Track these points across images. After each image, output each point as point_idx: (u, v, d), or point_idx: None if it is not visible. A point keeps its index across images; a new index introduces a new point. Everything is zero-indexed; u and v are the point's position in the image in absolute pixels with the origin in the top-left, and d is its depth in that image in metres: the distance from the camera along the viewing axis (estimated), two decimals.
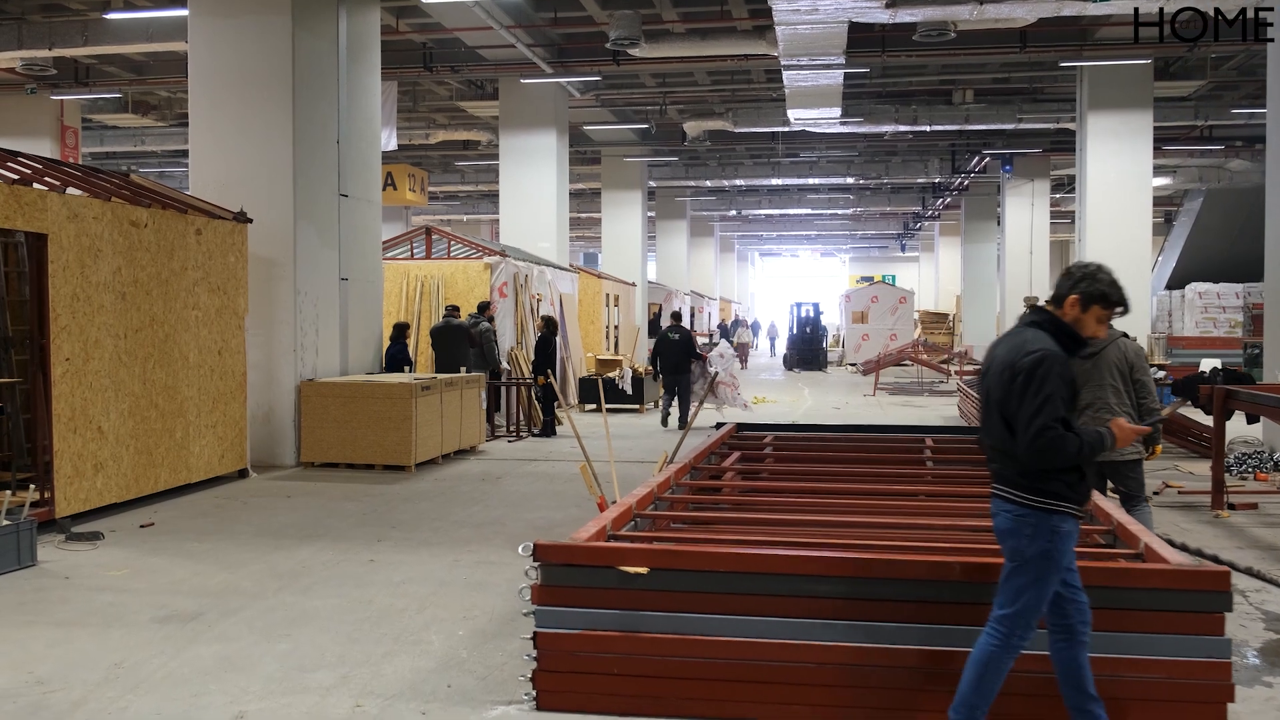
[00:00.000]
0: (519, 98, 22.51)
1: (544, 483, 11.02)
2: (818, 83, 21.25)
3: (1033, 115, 25.09)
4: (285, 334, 11.91)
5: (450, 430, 12.55)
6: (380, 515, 9.16)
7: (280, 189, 11.92)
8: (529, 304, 17.44)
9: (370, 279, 13.75)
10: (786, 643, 4.39)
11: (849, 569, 4.39)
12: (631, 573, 4.48)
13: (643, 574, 4.48)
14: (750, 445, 9.01)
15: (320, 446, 11.78)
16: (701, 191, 41.03)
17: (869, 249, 71.21)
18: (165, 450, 9.75)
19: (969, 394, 17.04)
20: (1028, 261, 32.45)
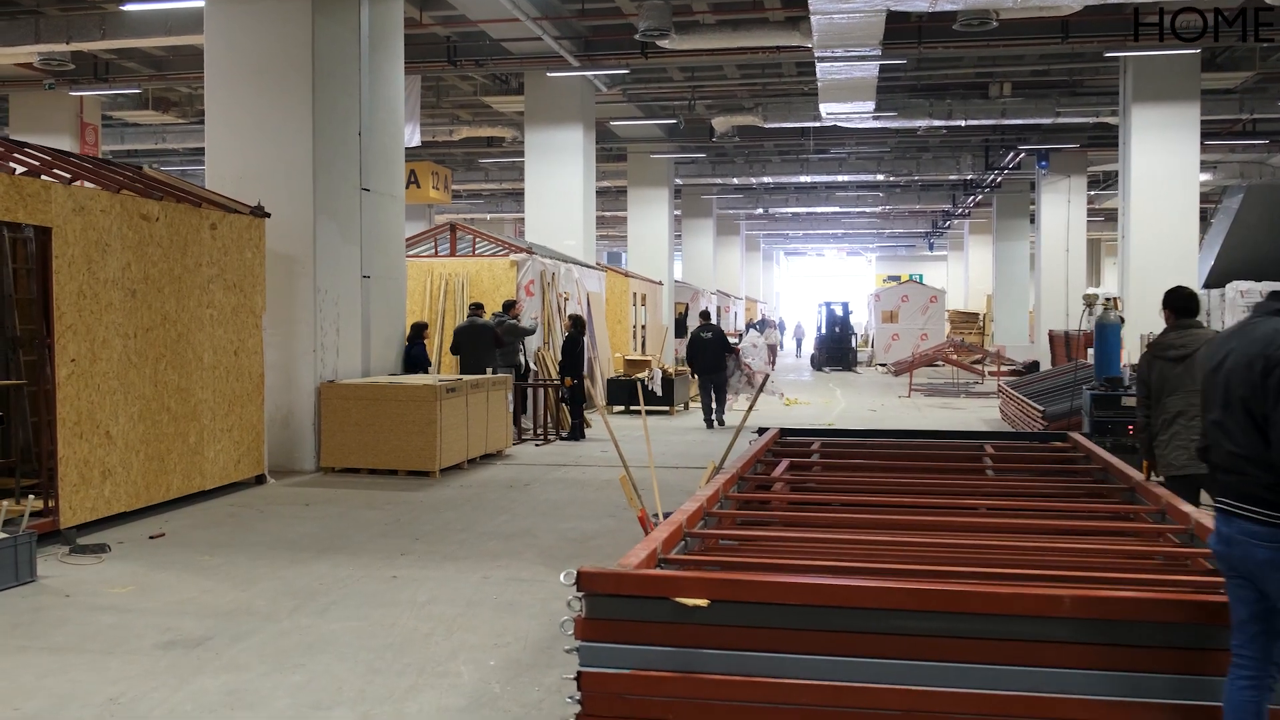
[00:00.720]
0: (545, 92, 21.99)
1: (575, 490, 10.49)
2: (852, 75, 20.70)
3: (1071, 109, 24.44)
4: (305, 334, 11.43)
5: (476, 434, 12.04)
6: (403, 525, 8.64)
7: (299, 183, 11.43)
8: (556, 302, 16.92)
9: (393, 276, 13.26)
10: (865, 686, 3.82)
11: (940, 602, 3.82)
12: (690, 605, 3.93)
13: (703, 607, 3.93)
14: (797, 452, 8.44)
15: (341, 451, 11.29)
16: (728, 189, 40.47)
17: (896, 248, 70.45)
18: (178, 456, 9.27)
19: (1013, 396, 16.42)
20: (1064, 260, 31.72)
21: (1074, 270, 31.84)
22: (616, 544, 8.01)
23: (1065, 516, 6.08)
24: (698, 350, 16.86)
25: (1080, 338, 26.06)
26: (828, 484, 7.20)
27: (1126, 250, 21.09)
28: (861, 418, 18.29)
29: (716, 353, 16.65)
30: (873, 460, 8.17)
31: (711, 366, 16.64)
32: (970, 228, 48.81)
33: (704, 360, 16.69)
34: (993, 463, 8.12)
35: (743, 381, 17.08)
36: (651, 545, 4.63)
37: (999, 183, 35.43)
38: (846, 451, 8.58)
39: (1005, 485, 7.24)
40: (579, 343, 15.08)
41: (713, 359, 16.63)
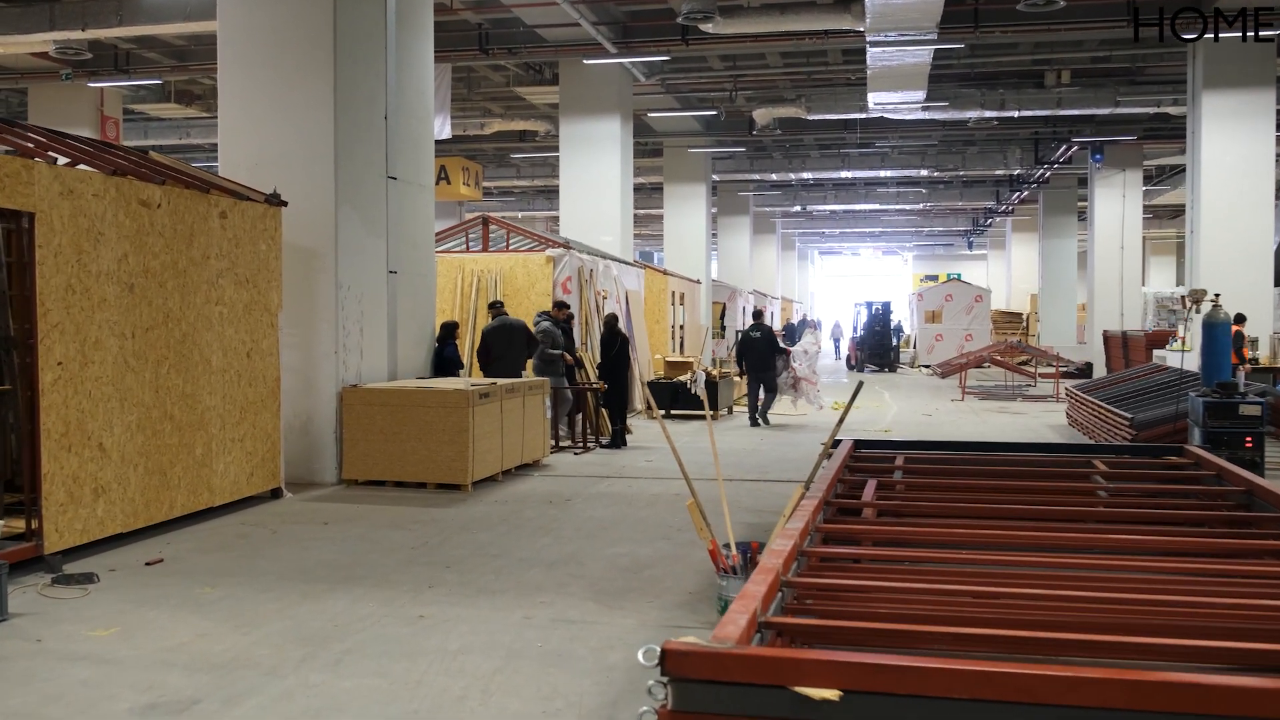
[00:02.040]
0: (581, 81, 21.03)
1: (621, 506, 9.48)
2: (904, 62, 19.65)
3: (1131, 98, 23.22)
4: (325, 333, 10.49)
5: (511, 443, 11.07)
6: (432, 550, 7.67)
7: (320, 170, 10.50)
8: (594, 301, 15.94)
9: (422, 272, 12.31)
10: None
11: (1165, 699, 2.78)
12: (817, 699, 2.91)
13: (832, 701, 2.91)
14: (879, 468, 7.41)
15: (364, 462, 10.34)
16: (765, 186, 39.41)
17: (934, 246, 69.09)
18: (182, 470, 8.34)
19: (1084, 401, 15.29)
20: (1118, 257, 30.45)
21: (1129, 268, 30.58)
22: (675, 573, 7.00)
23: (1225, 557, 5.03)
24: (746, 349, 17.07)
25: (1144, 339, 24.88)
26: (924, 510, 6.14)
27: (1196, 246, 19.89)
28: (916, 423, 17.21)
29: (765, 353, 16.74)
30: (966, 480, 7.11)
31: (759, 366, 16.76)
32: (1013, 225, 47.51)
33: (752, 359, 16.88)
34: (1105, 482, 7.07)
35: (789, 383, 16.89)
36: (748, 606, 3.60)
37: (1047, 178, 34.18)
38: (934, 468, 7.53)
39: (1128, 511, 6.17)
40: (613, 344, 14.07)
41: (760, 359, 16.75)
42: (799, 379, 16.66)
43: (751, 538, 7.50)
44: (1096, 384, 16.46)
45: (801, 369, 16.78)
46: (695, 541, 7.92)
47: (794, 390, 16.94)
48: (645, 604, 6.25)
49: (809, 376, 16.77)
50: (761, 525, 8.49)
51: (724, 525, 6.13)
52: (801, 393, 16.78)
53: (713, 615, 5.91)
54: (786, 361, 16.90)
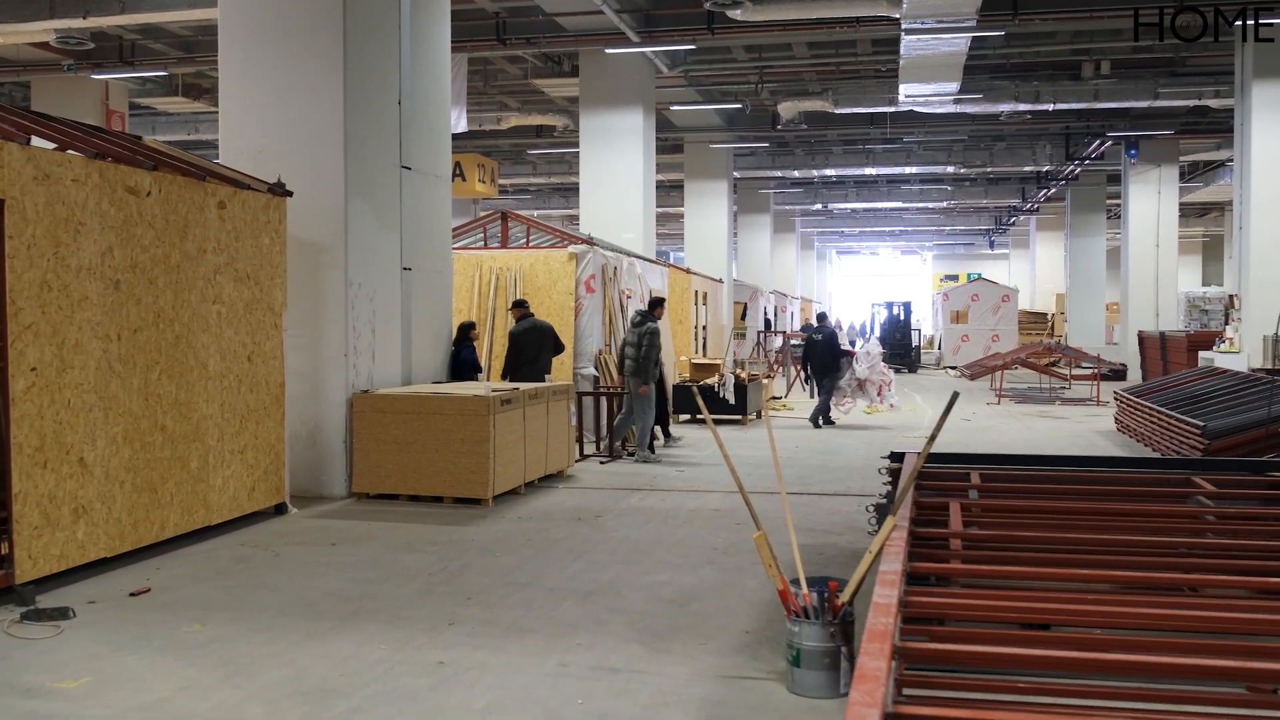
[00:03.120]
0: (602, 73, 20.22)
1: (657, 524, 8.66)
2: (939, 51, 18.78)
3: (1172, 90, 22.29)
4: (334, 335, 9.70)
5: (535, 453, 10.27)
6: (452, 577, 6.86)
7: (328, 159, 9.71)
8: (618, 300, 15.12)
9: (438, 269, 11.52)
10: None
11: None
12: None
13: None
14: (953, 487, 6.59)
15: (376, 474, 9.55)
16: (785, 184, 38.55)
17: (954, 246, 68.07)
18: (175, 486, 7.55)
19: (1138, 406, 14.42)
20: (1153, 255, 29.51)
21: (1164, 267, 29.63)
22: (727, 607, 6.17)
23: None
24: (810, 351, 17.30)
25: (1185, 340, 23.93)
26: (1018, 542, 5.30)
27: (1245, 242, 19.00)
28: (957, 428, 16.34)
29: (826, 354, 16.80)
30: (1054, 503, 6.27)
31: (822, 368, 16.88)
32: (1038, 224, 46.55)
33: (814, 361, 17.06)
34: (1210, 504, 6.25)
35: (852, 385, 16.92)
36: (871, 690, 2.79)
37: (1077, 174, 33.25)
38: (1014, 487, 6.70)
39: (1252, 544, 5.34)
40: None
41: (823, 360, 16.84)
42: (862, 380, 16.75)
43: (809, 563, 6.69)
44: (1148, 388, 15.57)
45: (862, 370, 16.74)
46: (744, 567, 7.11)
47: (860, 391, 16.94)
48: (697, 646, 5.43)
49: (871, 377, 16.83)
50: (814, 547, 7.67)
51: (791, 556, 5.30)
52: (865, 394, 16.84)
53: (778, 662, 5.10)
54: (849, 363, 16.90)
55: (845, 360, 16.87)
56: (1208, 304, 36.52)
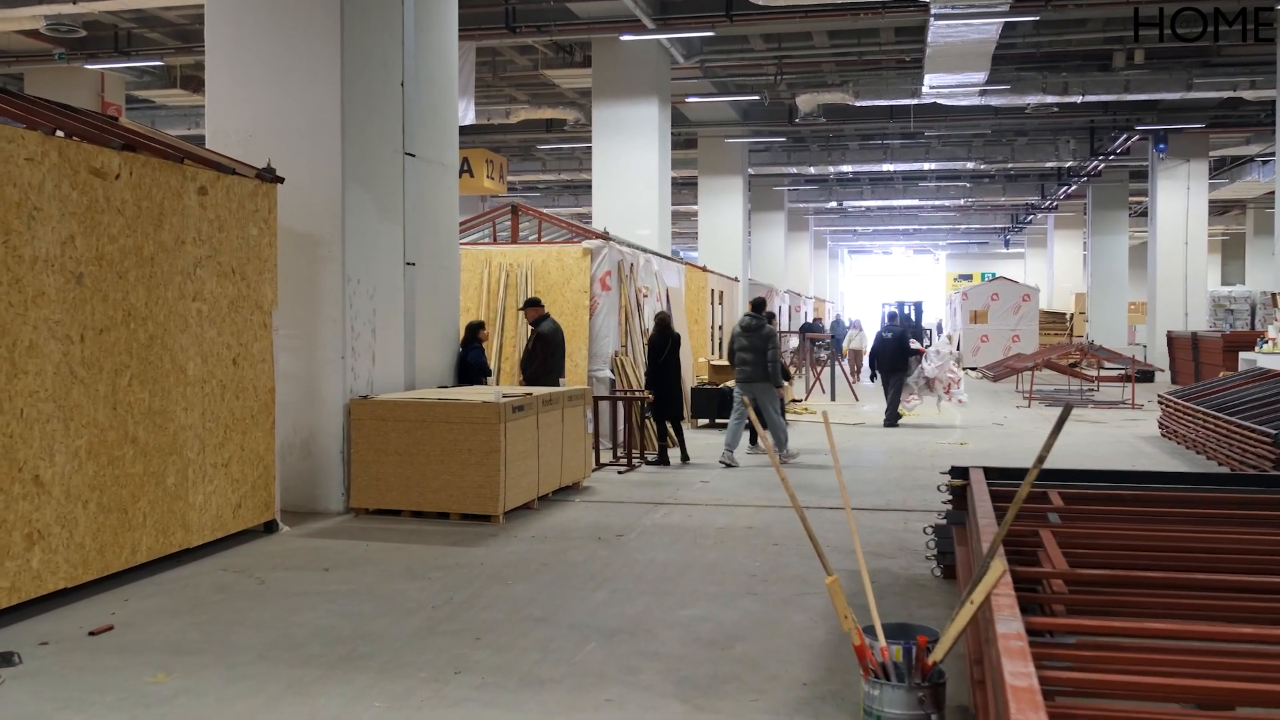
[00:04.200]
0: (615, 62, 19.41)
1: (685, 545, 7.82)
2: (968, 39, 17.97)
3: (1206, 80, 21.40)
4: (331, 336, 8.89)
5: (549, 463, 9.44)
6: (457, 611, 6.03)
7: (324, 143, 8.90)
8: (635, 298, 14.30)
9: (444, 264, 10.71)
10: None
11: None
12: None
13: None
14: (1034, 510, 5.75)
15: (376, 488, 8.73)
16: (799, 181, 37.71)
17: (968, 245, 67.17)
18: (148, 505, 6.74)
19: (1188, 411, 13.56)
20: (1182, 254, 28.61)
21: (1193, 265, 28.74)
22: (776, 650, 5.33)
23: None
24: (879, 350, 17.17)
25: (1220, 340, 23.04)
26: (1140, 585, 4.45)
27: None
28: (991, 434, 15.49)
29: (896, 353, 16.72)
30: (1157, 529, 5.43)
31: (891, 366, 16.77)
32: (1056, 221, 45.64)
33: (884, 360, 16.91)
34: None
35: (920, 383, 16.90)
36: None
37: (1100, 170, 32.34)
38: (1103, 510, 5.85)
39: None
40: (663, 347, 12.43)
41: (892, 359, 16.75)
42: (930, 379, 16.78)
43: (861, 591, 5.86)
44: (1195, 392, 14.70)
45: (931, 368, 16.77)
46: (788, 599, 6.28)
47: (927, 389, 16.95)
48: (748, 703, 4.60)
49: (940, 375, 16.89)
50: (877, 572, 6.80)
51: (865, 598, 4.47)
52: (932, 391, 16.90)
53: None
54: (918, 361, 16.93)
55: (914, 359, 16.90)
56: (1233, 303, 35.53)
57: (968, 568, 5.88)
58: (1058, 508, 5.72)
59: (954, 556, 6.70)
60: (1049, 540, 4.87)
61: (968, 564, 5.88)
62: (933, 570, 6.86)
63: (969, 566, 5.82)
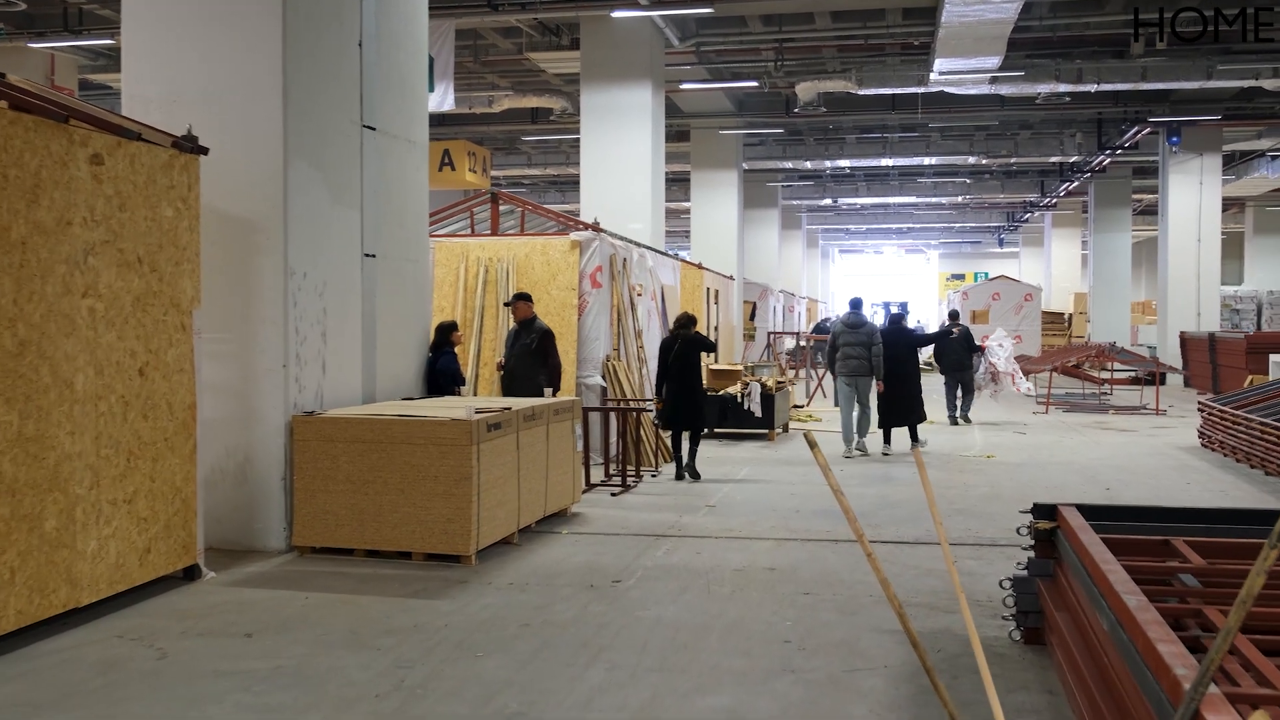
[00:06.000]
0: (606, 43, 18.01)
1: (696, 593, 6.41)
2: (984, 18, 16.72)
3: (1229, 68, 20.13)
4: (270, 340, 7.46)
5: (532, 490, 8.03)
6: (408, 702, 4.60)
7: (262, 110, 7.47)
8: (628, 297, 12.90)
9: (411, 257, 9.27)
10: None
11: None
12: None
13: None
14: (1158, 569, 4.38)
15: (324, 522, 7.30)
16: (794, 176, 36.39)
17: (960, 244, 66.03)
18: (18, 557, 5.29)
19: (1233, 419, 12.24)
20: (1194, 251, 27.34)
21: (1206, 264, 27.46)
22: None
23: None
24: (944, 349, 17.18)
25: (1243, 342, 21.75)
26: None
27: None
28: (1015, 445, 14.13)
29: (962, 351, 16.94)
30: None
31: (956, 365, 16.99)
32: (1053, 220, 44.44)
33: (949, 358, 17.01)
34: None
35: (987, 379, 17.65)
36: None
37: (1105, 166, 31.07)
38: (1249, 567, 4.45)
39: None
40: (671, 348, 11.05)
41: (958, 357, 16.94)
42: (998, 373, 17.39)
43: (913, 664, 4.48)
44: (1241, 399, 13.38)
45: (1002, 362, 17.35)
46: (837, 677, 4.89)
47: (994, 384, 17.60)
48: None
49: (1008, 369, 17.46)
50: (921, 634, 5.41)
51: (986, 696, 3.08)
52: (1001, 385, 17.53)
53: None
54: (983, 358, 17.46)
55: (978, 356, 17.36)
56: (1239, 303, 34.35)
57: (1066, 641, 4.50)
58: (1200, 569, 4.33)
59: (1039, 617, 5.33)
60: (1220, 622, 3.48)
61: (1067, 636, 4.50)
62: (1010, 633, 5.47)
63: (1069, 639, 4.44)
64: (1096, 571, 4.00)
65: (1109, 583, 3.73)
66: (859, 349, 12.81)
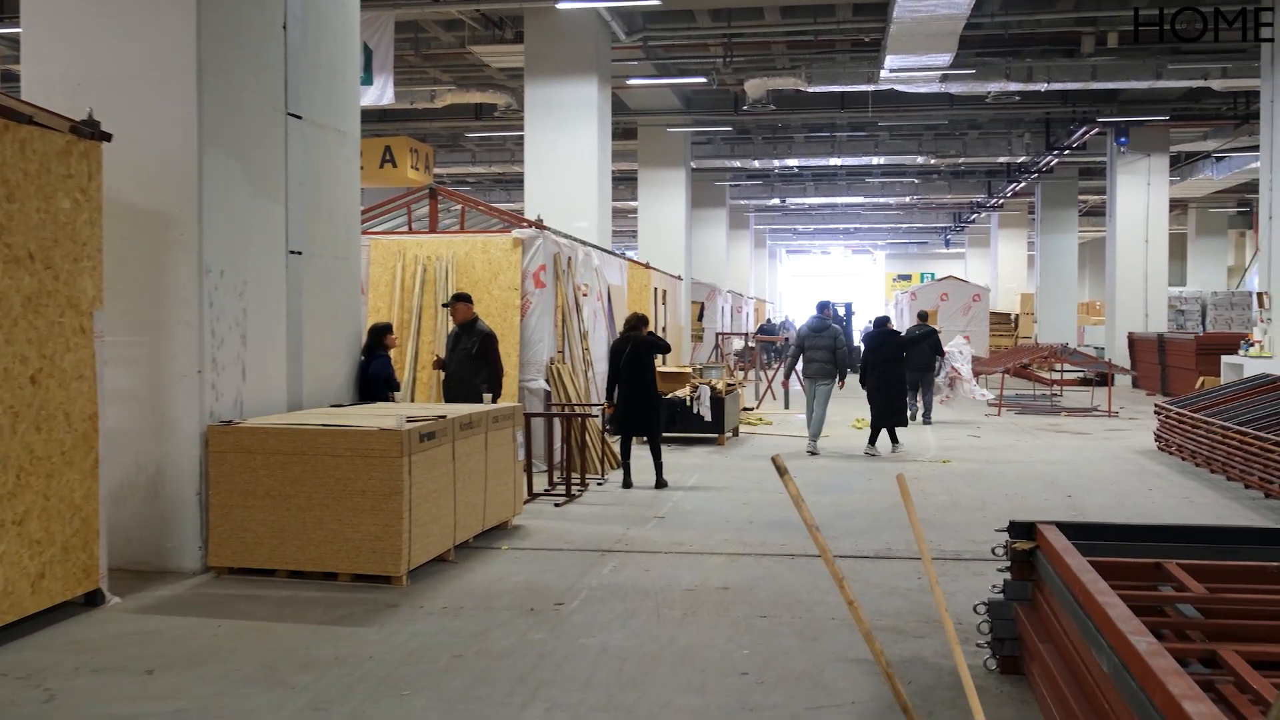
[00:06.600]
0: (550, 36, 17.50)
1: (645, 617, 5.94)
2: (936, 14, 16.45)
3: (1179, 67, 20.06)
4: (184, 344, 6.88)
5: (469, 503, 7.53)
6: None
7: (174, 94, 6.89)
8: (573, 297, 12.42)
9: (341, 254, 8.72)
10: None
11: None
12: None
13: None
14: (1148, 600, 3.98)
15: (242, 540, 6.74)
16: (741, 176, 36.09)
17: (907, 245, 66.23)
18: None
19: (1192, 422, 12.00)
20: (1142, 252, 27.38)
21: (1154, 265, 27.50)
22: None
23: None
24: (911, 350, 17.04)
25: (1193, 343, 21.69)
26: None
27: (1277, 233, 16.76)
28: (970, 446, 13.84)
29: (928, 353, 17.13)
30: None
31: (923, 366, 17.17)
32: (1000, 220, 44.59)
33: (916, 360, 16.83)
34: None
35: (946, 381, 17.86)
36: None
37: (1052, 166, 31.06)
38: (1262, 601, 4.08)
39: None
40: (621, 351, 10.60)
41: (925, 359, 17.13)
42: (958, 378, 17.70)
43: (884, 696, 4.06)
44: (1199, 402, 13.16)
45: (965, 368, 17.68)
46: (798, 716, 4.44)
47: (949, 389, 17.83)
48: None
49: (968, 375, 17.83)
50: (890, 662, 4.99)
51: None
52: (956, 390, 17.81)
53: None
54: (945, 362, 17.63)
55: (940, 359, 17.53)
56: (1183, 304, 34.55)
57: (1053, 676, 4.09)
58: (1196, 599, 3.93)
59: (1017, 645, 4.93)
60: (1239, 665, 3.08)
61: (1054, 671, 4.09)
62: (985, 661, 5.06)
63: (1056, 675, 4.03)
64: (1092, 604, 3.58)
65: (1110, 620, 3.32)
66: (823, 352, 13.17)
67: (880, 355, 13.39)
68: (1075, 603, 3.85)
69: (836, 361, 13.15)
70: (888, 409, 13.28)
